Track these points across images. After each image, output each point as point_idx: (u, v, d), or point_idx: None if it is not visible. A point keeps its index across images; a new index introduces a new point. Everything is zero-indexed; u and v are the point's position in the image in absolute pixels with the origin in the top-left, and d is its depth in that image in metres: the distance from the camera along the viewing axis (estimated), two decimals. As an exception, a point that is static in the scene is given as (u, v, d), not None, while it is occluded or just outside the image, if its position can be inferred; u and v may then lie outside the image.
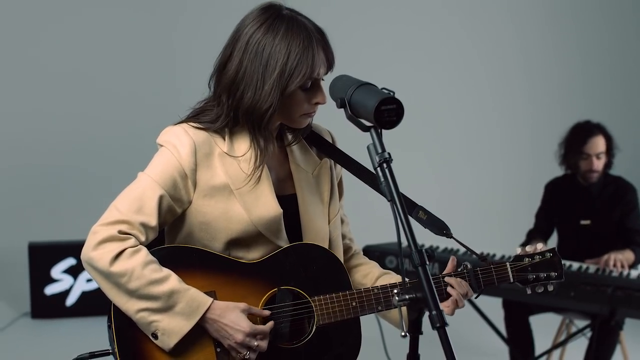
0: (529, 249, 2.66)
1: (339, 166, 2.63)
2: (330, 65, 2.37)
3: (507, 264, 2.59)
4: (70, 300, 7.17)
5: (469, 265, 2.55)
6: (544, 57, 9.28)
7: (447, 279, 2.47)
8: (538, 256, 2.63)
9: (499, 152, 9.20)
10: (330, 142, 2.61)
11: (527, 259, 2.62)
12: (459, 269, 2.54)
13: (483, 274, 2.55)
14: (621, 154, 5.49)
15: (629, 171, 6.13)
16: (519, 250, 2.67)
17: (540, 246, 2.67)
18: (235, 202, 2.35)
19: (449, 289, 2.45)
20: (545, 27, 9.26)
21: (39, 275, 7.10)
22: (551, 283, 2.63)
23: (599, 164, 5.18)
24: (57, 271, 7.12)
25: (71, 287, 7.16)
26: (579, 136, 5.26)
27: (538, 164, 6.54)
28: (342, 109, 2.13)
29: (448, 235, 2.56)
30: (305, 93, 2.34)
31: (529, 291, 2.64)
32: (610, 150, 5.23)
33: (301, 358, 2.37)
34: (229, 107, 2.34)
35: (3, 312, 7.18)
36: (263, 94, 2.29)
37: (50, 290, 7.12)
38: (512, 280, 2.59)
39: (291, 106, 2.34)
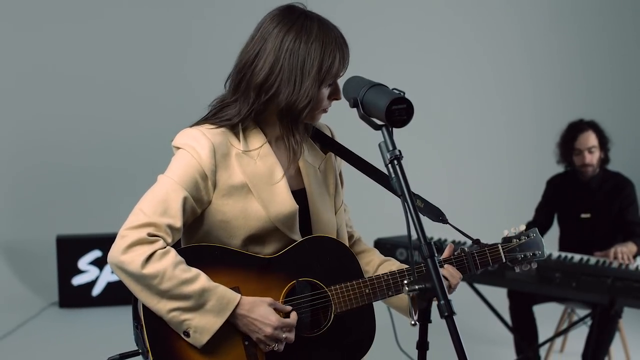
0: (513, 230, 2.70)
1: (338, 158, 2.62)
2: (347, 64, 2.37)
3: (499, 245, 2.63)
4: (96, 290, 7.20)
5: (466, 249, 2.59)
6: (547, 58, 9.27)
7: (442, 271, 2.47)
8: (524, 237, 2.66)
9: (504, 148, 9.20)
10: (330, 136, 2.61)
11: (515, 240, 2.65)
12: (456, 252, 2.57)
13: (479, 256, 2.59)
14: (621, 149, 5.47)
15: (628, 165, 6.12)
16: (505, 233, 2.69)
17: (522, 227, 2.71)
18: (253, 200, 2.34)
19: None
20: (548, 29, 9.26)
21: (67, 267, 7.14)
22: (535, 261, 2.67)
23: (591, 158, 5.18)
24: (83, 263, 7.15)
25: (97, 278, 7.19)
26: (569, 134, 5.29)
27: (542, 159, 6.52)
28: (355, 109, 2.13)
29: (444, 221, 2.58)
30: (329, 90, 2.35)
31: (517, 269, 2.68)
32: (603, 145, 5.23)
33: (323, 345, 2.37)
34: (258, 103, 2.32)
35: (32, 302, 7.21)
36: (302, 91, 2.28)
37: (77, 280, 7.16)
38: (504, 260, 2.63)
39: (318, 102, 2.34)
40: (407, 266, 2.53)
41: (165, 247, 2.22)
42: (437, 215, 2.58)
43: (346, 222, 2.67)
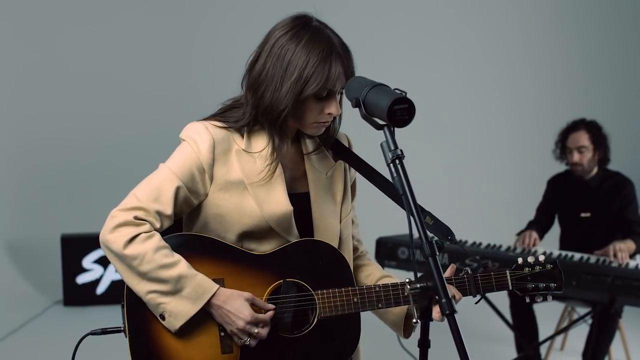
0: (530, 259, 2.58)
1: (353, 169, 2.62)
2: (335, 81, 2.32)
3: (507, 272, 2.54)
4: (101, 288, 7.21)
5: (469, 271, 2.51)
6: (548, 59, 9.28)
7: None
8: (538, 267, 2.57)
9: (505, 148, 9.20)
10: (347, 145, 2.59)
11: (527, 268, 2.56)
12: (461, 274, 2.51)
13: (483, 280, 2.51)
14: (621, 149, 5.47)
15: (628, 165, 6.12)
16: (520, 260, 2.61)
17: (541, 258, 2.59)
18: (249, 197, 2.35)
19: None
20: (549, 31, 9.26)
21: (71, 265, 7.15)
22: (550, 294, 2.57)
23: (580, 158, 5.17)
24: (88, 261, 7.16)
25: (101, 277, 7.20)
26: (564, 132, 5.32)
27: (543, 160, 6.52)
28: (357, 109, 2.13)
29: (452, 241, 2.50)
30: (319, 102, 2.32)
31: (527, 300, 2.57)
32: (598, 145, 5.20)
33: (301, 347, 2.36)
34: (251, 104, 2.34)
35: (37, 300, 7.22)
36: (280, 96, 2.28)
37: (81, 279, 7.16)
38: (510, 288, 2.53)
39: (304, 112, 2.33)
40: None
41: (150, 232, 2.27)
42: (446, 235, 2.51)
43: (354, 235, 2.66)
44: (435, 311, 2.34)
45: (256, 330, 2.27)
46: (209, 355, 2.30)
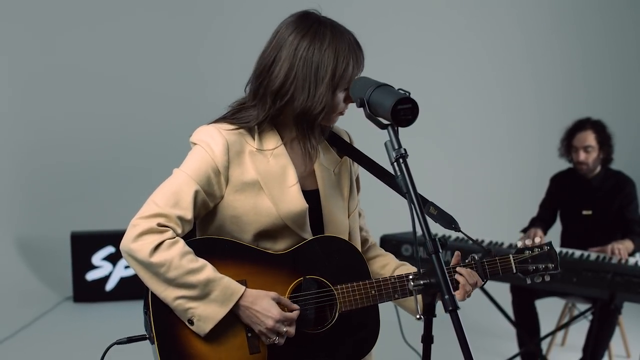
0: (528, 242, 2.65)
1: (356, 163, 2.62)
2: (362, 67, 2.38)
3: (511, 256, 2.60)
4: (110, 285, 7.21)
5: (476, 257, 2.55)
6: (549, 59, 9.26)
7: (459, 269, 2.47)
8: (537, 249, 2.63)
9: (507, 147, 9.19)
10: (348, 141, 2.61)
11: (527, 251, 2.62)
12: (467, 260, 2.54)
13: (489, 265, 2.56)
14: (621, 149, 5.46)
15: (628, 165, 6.11)
16: (520, 239, 2.66)
17: (538, 240, 2.67)
18: (264, 197, 2.35)
19: (459, 278, 2.45)
20: (550, 31, 9.25)
21: (81, 262, 7.15)
22: (548, 274, 2.63)
23: (586, 157, 5.17)
24: (97, 258, 7.17)
25: (110, 273, 7.20)
26: (570, 131, 5.31)
27: (544, 158, 6.52)
28: (361, 108, 2.13)
29: (456, 229, 2.54)
30: (343, 94, 2.35)
31: (528, 281, 2.63)
32: (604, 145, 5.20)
33: (325, 343, 2.37)
34: (274, 109, 2.34)
35: (47, 297, 7.23)
36: (317, 97, 2.29)
37: (91, 276, 7.17)
38: (514, 271, 2.59)
39: (334, 106, 2.35)
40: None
41: (174, 238, 2.25)
42: (450, 223, 2.54)
43: (362, 227, 2.68)
44: (456, 293, 2.35)
45: (285, 329, 2.27)
46: (237, 356, 2.30)
